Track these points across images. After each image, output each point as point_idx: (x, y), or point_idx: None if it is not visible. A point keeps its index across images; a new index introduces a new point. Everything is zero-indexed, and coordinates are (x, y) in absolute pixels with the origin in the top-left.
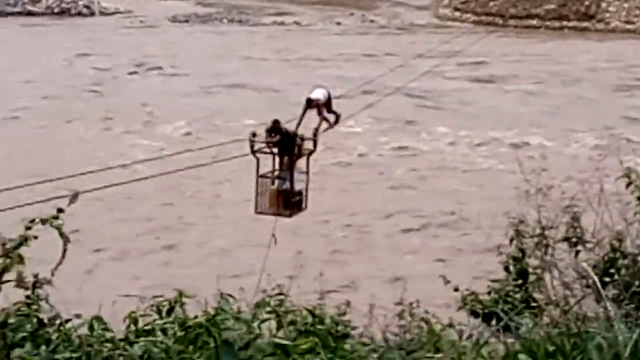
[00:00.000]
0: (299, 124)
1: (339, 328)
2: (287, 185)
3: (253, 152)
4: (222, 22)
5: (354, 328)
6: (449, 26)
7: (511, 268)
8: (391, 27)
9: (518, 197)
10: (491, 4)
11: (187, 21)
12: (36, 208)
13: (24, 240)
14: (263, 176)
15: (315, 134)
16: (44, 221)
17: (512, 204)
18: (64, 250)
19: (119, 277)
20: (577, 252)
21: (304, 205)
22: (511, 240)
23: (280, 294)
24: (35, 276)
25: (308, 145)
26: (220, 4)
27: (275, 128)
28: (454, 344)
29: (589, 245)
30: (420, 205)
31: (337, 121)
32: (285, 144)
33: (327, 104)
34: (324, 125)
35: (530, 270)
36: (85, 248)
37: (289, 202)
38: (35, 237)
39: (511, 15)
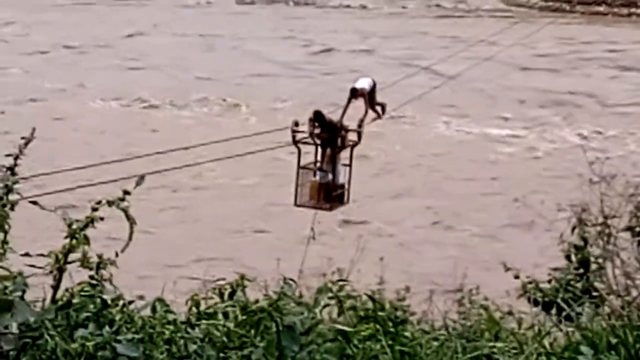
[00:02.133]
0: (343, 114)
1: (398, 314)
2: (329, 177)
3: (295, 142)
4: (288, 4)
5: (412, 314)
6: (516, 12)
7: (572, 257)
8: (457, 10)
9: (582, 185)
10: None
11: (253, 3)
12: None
13: (90, 221)
14: (304, 167)
15: (360, 125)
16: (110, 203)
17: (576, 192)
18: (131, 233)
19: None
20: None
21: (345, 199)
22: (573, 229)
23: (342, 280)
24: (100, 257)
25: (352, 137)
26: None
27: (318, 118)
28: (514, 332)
29: None
30: (483, 190)
31: (383, 111)
32: (329, 134)
33: (372, 93)
34: (371, 115)
35: (592, 259)
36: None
37: (330, 195)
38: (102, 219)
39: (579, 1)
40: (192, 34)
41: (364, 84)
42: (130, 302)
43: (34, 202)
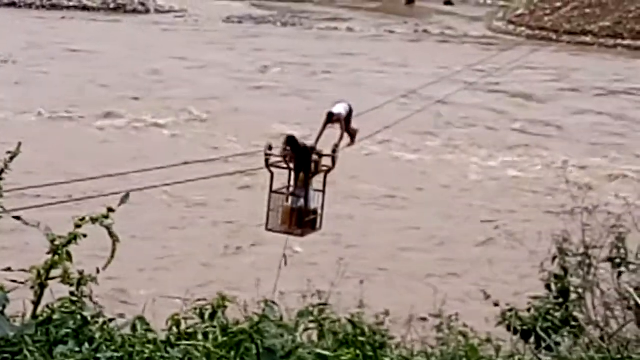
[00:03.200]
0: (318, 138)
1: (377, 338)
2: (301, 203)
3: (268, 166)
4: (276, 25)
5: (391, 338)
6: (502, 39)
7: (552, 286)
8: (443, 37)
9: (563, 215)
10: (546, 18)
11: (240, 22)
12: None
13: (73, 238)
14: (276, 192)
15: (334, 151)
16: (94, 220)
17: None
18: (113, 250)
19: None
20: (620, 274)
21: (317, 226)
22: (554, 258)
23: (323, 304)
24: (81, 273)
25: (326, 162)
26: (275, 7)
27: (290, 142)
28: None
29: (632, 267)
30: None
31: (353, 139)
32: (303, 159)
33: (348, 119)
34: (345, 141)
35: (572, 289)
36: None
37: (302, 220)
38: (85, 236)
39: (565, 30)
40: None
41: (340, 109)
42: (111, 320)
43: (17, 218)
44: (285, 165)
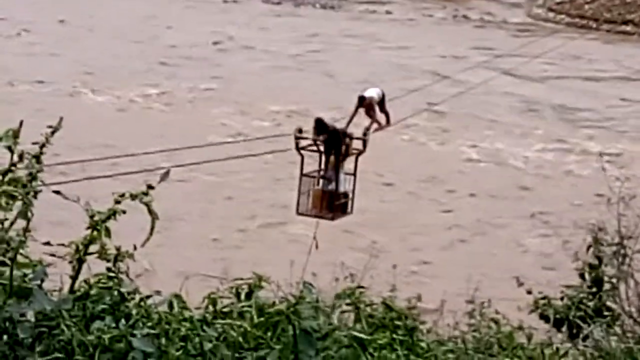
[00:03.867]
0: (349, 122)
1: (408, 322)
2: (332, 186)
3: (298, 149)
4: (315, 6)
5: (422, 322)
6: (542, 26)
7: (586, 275)
8: (482, 22)
9: (599, 204)
10: (586, 6)
11: (279, 3)
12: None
13: (112, 214)
14: (307, 175)
15: (365, 134)
16: (133, 196)
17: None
18: (152, 227)
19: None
20: None
21: (349, 209)
22: (588, 248)
23: (360, 286)
24: (118, 249)
25: (358, 145)
26: None
27: (319, 125)
28: (524, 347)
29: None
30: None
31: (387, 121)
32: (333, 142)
33: (380, 103)
34: (376, 124)
35: (606, 279)
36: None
37: (332, 204)
38: (124, 212)
39: (605, 19)
40: None
41: (372, 93)
42: (148, 297)
43: (57, 192)
44: (315, 149)
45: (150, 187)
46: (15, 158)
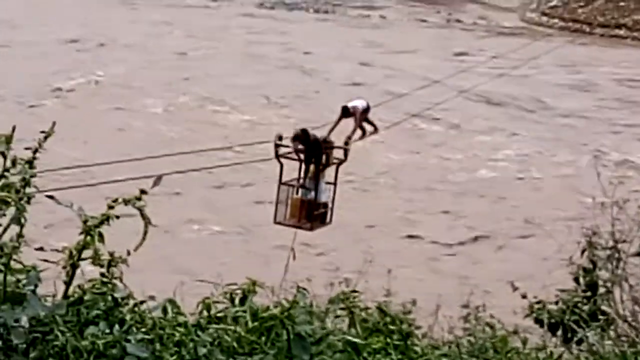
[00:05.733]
0: (331, 130)
1: (404, 327)
2: (311, 195)
3: (277, 156)
4: (309, 11)
5: (417, 327)
6: (535, 30)
7: (581, 279)
8: (475, 26)
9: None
10: (579, 11)
11: (272, 8)
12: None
13: (105, 219)
14: (286, 184)
15: (346, 143)
16: (126, 201)
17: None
18: (145, 232)
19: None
20: None
21: (327, 219)
22: (583, 252)
23: (354, 291)
24: (111, 254)
25: (339, 154)
26: None
27: (302, 137)
28: (519, 352)
29: None
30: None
31: (375, 131)
32: (314, 151)
33: (365, 113)
34: (359, 134)
35: (600, 282)
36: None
37: (312, 214)
38: (117, 217)
39: (599, 23)
40: None
41: (356, 103)
42: (142, 302)
43: (51, 197)
44: (295, 156)
45: (143, 191)
46: (9, 164)
